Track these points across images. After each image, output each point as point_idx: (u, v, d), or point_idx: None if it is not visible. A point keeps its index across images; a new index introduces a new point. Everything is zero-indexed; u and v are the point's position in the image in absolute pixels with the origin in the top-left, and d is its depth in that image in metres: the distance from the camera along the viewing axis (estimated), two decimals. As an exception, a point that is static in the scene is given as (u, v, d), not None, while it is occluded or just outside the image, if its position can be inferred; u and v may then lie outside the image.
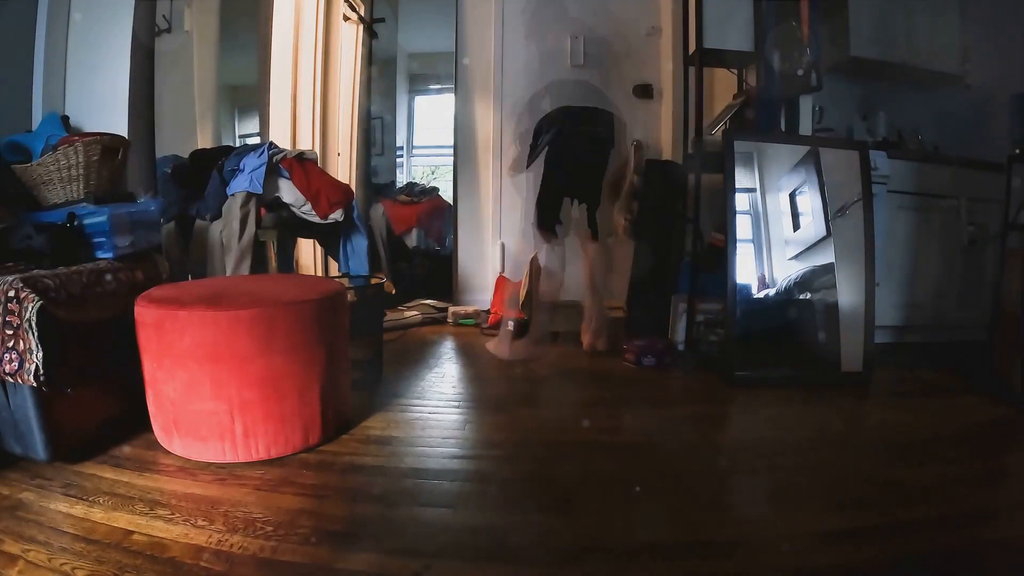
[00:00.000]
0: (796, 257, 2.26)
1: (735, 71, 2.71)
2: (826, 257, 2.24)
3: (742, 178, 2.24)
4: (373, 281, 2.25)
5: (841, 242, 2.25)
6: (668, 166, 3.16)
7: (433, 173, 5.68)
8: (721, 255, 2.48)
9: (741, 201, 2.24)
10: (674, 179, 2.95)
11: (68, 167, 1.76)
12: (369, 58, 4.53)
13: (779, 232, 2.26)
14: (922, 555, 1.16)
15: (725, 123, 2.63)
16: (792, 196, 2.27)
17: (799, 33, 2.27)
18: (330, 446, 1.64)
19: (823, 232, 2.25)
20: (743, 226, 2.24)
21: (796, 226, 2.27)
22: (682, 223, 2.89)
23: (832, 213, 2.24)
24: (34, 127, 2.07)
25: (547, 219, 2.49)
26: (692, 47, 2.48)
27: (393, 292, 3.52)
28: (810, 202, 2.26)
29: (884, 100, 3.14)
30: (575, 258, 2.72)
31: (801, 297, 2.24)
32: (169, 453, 1.56)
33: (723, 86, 2.89)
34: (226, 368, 1.47)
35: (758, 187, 2.26)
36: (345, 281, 2.20)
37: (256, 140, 3.20)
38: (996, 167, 2.33)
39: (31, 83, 2.10)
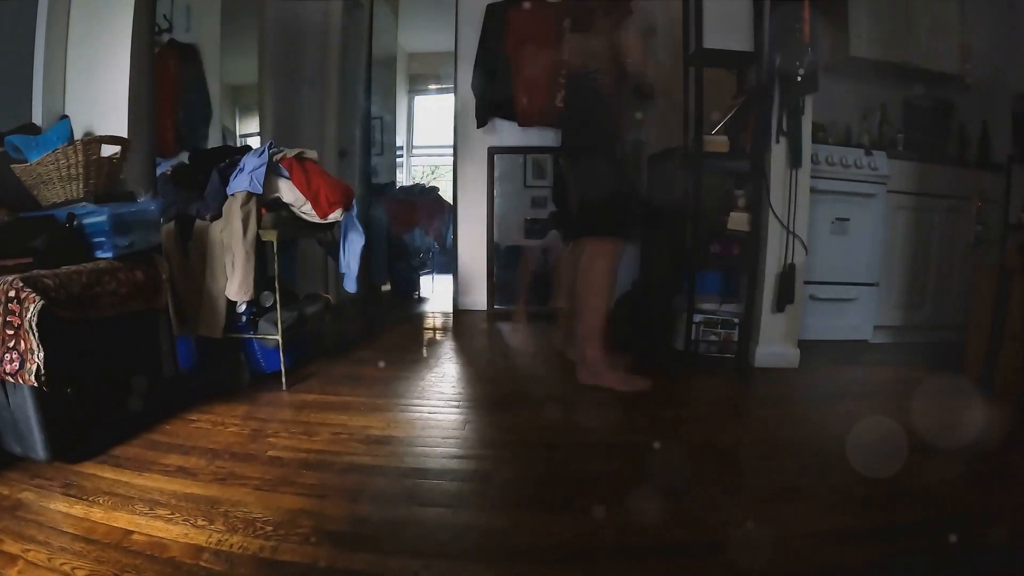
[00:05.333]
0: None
1: (735, 71, 2.71)
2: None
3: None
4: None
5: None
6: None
7: (433, 173, 5.70)
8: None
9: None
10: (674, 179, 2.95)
11: (68, 166, 1.76)
12: (369, 58, 4.52)
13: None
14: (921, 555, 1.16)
15: (725, 123, 2.63)
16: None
17: (801, 34, 2.26)
18: (330, 446, 1.64)
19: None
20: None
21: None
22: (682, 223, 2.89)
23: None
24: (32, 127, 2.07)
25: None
26: (692, 47, 2.48)
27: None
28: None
29: (884, 100, 3.13)
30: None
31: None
32: (169, 453, 1.56)
33: (723, 86, 2.90)
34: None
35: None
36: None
37: (256, 140, 3.19)
38: (996, 167, 2.34)
39: (31, 83, 2.10)
